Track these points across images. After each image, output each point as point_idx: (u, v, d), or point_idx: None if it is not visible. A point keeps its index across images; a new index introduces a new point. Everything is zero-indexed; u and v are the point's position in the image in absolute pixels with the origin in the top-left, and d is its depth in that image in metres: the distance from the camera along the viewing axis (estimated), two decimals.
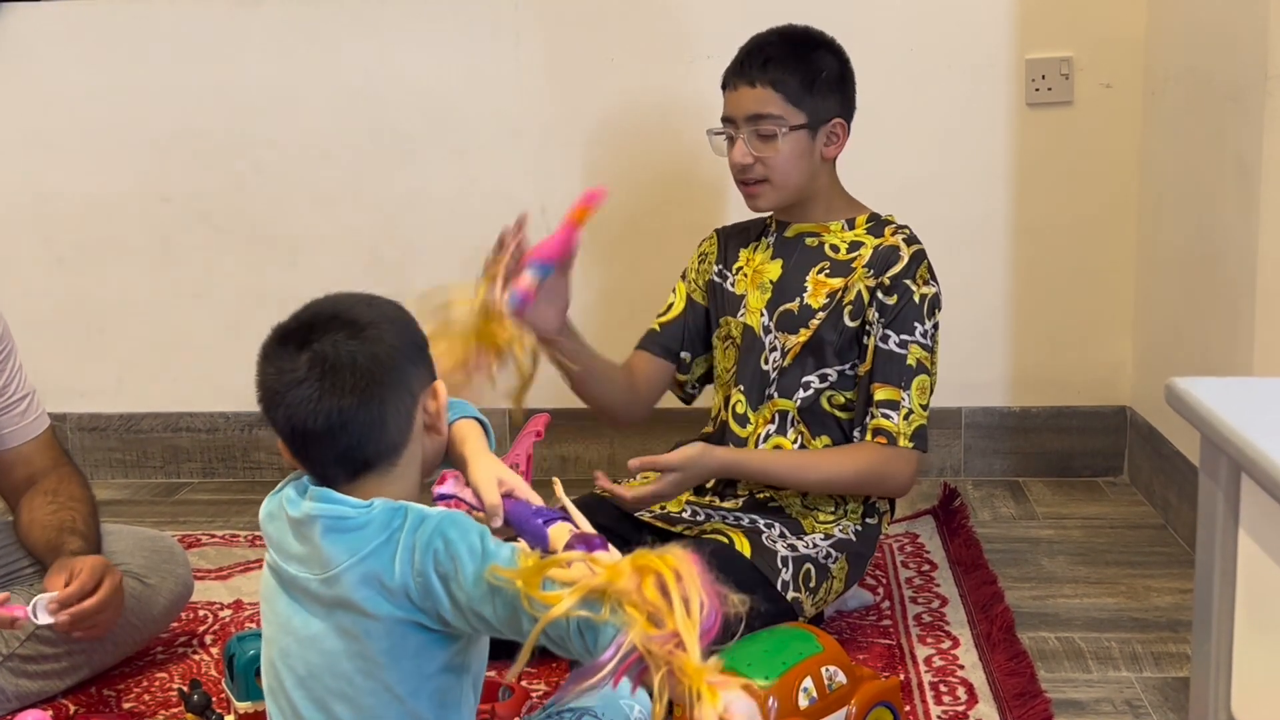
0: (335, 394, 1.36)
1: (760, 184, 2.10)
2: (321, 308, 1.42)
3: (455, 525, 1.35)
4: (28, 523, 1.98)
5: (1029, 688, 1.91)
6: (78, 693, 1.98)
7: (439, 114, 2.98)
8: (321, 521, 1.38)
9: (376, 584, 1.35)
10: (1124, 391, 2.94)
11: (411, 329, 1.46)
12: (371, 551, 1.36)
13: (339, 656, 1.38)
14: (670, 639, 1.17)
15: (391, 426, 1.40)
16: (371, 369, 1.37)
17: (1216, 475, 1.07)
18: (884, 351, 2.06)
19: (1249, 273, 2.20)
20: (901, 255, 2.08)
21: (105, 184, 3.07)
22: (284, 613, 1.43)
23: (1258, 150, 2.16)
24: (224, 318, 3.08)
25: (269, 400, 1.39)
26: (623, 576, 1.20)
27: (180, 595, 2.10)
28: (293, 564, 1.41)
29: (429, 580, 1.33)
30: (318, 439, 1.38)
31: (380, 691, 1.38)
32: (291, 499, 1.42)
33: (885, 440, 2.05)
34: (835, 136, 2.12)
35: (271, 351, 1.40)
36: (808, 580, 2.02)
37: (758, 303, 2.16)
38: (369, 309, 1.42)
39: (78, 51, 3.03)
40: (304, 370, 1.37)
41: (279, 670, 1.44)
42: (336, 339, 1.37)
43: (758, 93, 2.07)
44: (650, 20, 2.90)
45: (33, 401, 2.06)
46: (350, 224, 3.04)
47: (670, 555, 1.21)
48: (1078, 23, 2.82)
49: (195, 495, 3.04)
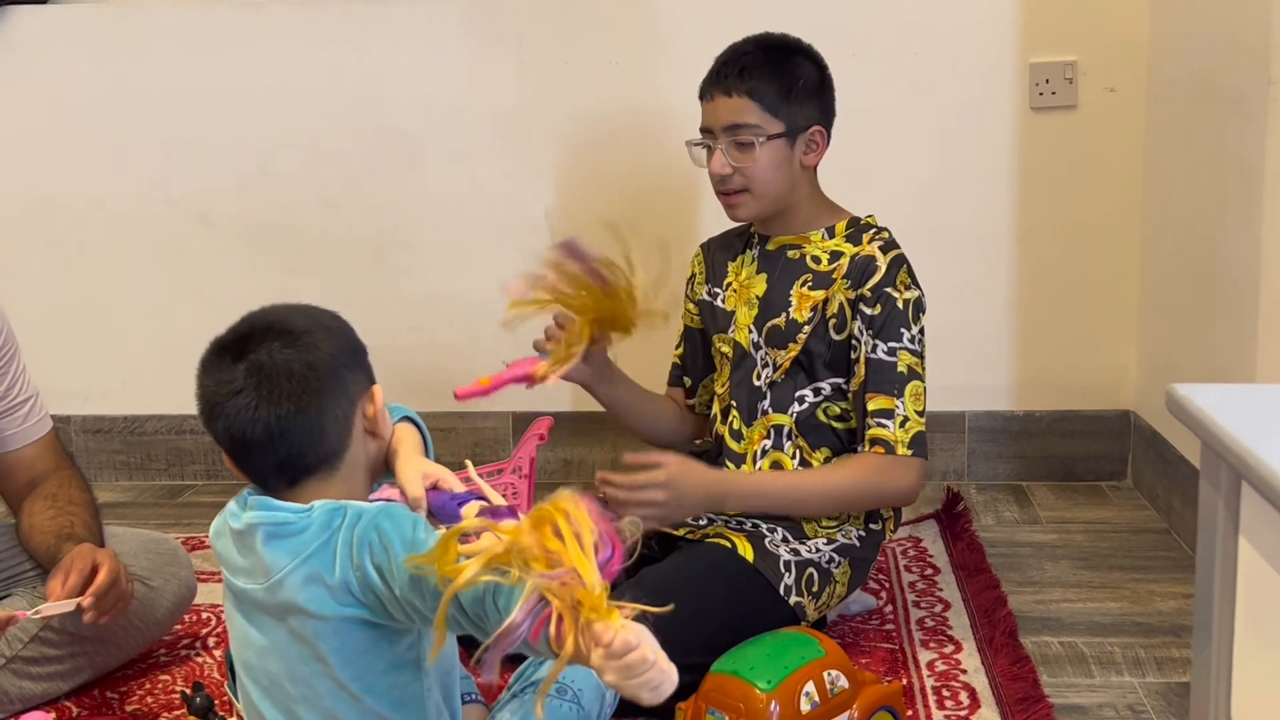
0: (272, 402, 1.39)
1: (740, 194, 2.08)
2: (257, 319, 1.46)
3: (390, 517, 1.37)
4: (28, 528, 1.98)
5: (1031, 692, 1.91)
6: (80, 695, 1.99)
7: (442, 117, 2.98)
8: (262, 529, 1.40)
9: (319, 584, 1.37)
10: (1127, 396, 2.94)
11: (348, 335, 1.48)
12: (313, 553, 1.38)
13: (295, 661, 1.40)
14: (568, 575, 1.16)
15: (330, 432, 1.42)
16: (307, 376, 1.40)
17: (1217, 482, 1.07)
18: (874, 361, 2.04)
19: (1252, 277, 2.20)
20: (878, 264, 2.05)
21: (109, 186, 3.08)
22: (241, 627, 1.46)
23: (1260, 154, 2.16)
24: (228, 320, 3.02)
25: (208, 412, 1.42)
26: (523, 534, 1.20)
27: (183, 597, 2.10)
28: (240, 577, 1.44)
29: (366, 573, 1.35)
30: (258, 447, 1.40)
31: (337, 691, 1.40)
32: (233, 512, 1.46)
33: (883, 450, 2.03)
34: (814, 144, 2.10)
35: (210, 363, 1.44)
36: (810, 585, 2.01)
37: (746, 319, 2.16)
38: (304, 318, 1.45)
39: (82, 54, 3.03)
40: (241, 380, 1.39)
41: (246, 684, 1.47)
42: (272, 348, 1.40)
43: (734, 102, 2.05)
44: (653, 23, 2.90)
45: (36, 404, 2.06)
46: (353, 226, 3.04)
47: (558, 499, 1.21)
48: (1081, 27, 2.82)
49: (199, 498, 3.05)
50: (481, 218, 3.02)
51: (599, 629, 1.14)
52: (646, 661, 1.13)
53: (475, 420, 3.03)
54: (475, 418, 3.03)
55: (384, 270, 3.03)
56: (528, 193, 2.99)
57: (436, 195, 3.01)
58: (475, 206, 3.01)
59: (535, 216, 2.99)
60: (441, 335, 3.03)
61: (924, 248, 2.84)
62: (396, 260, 3.03)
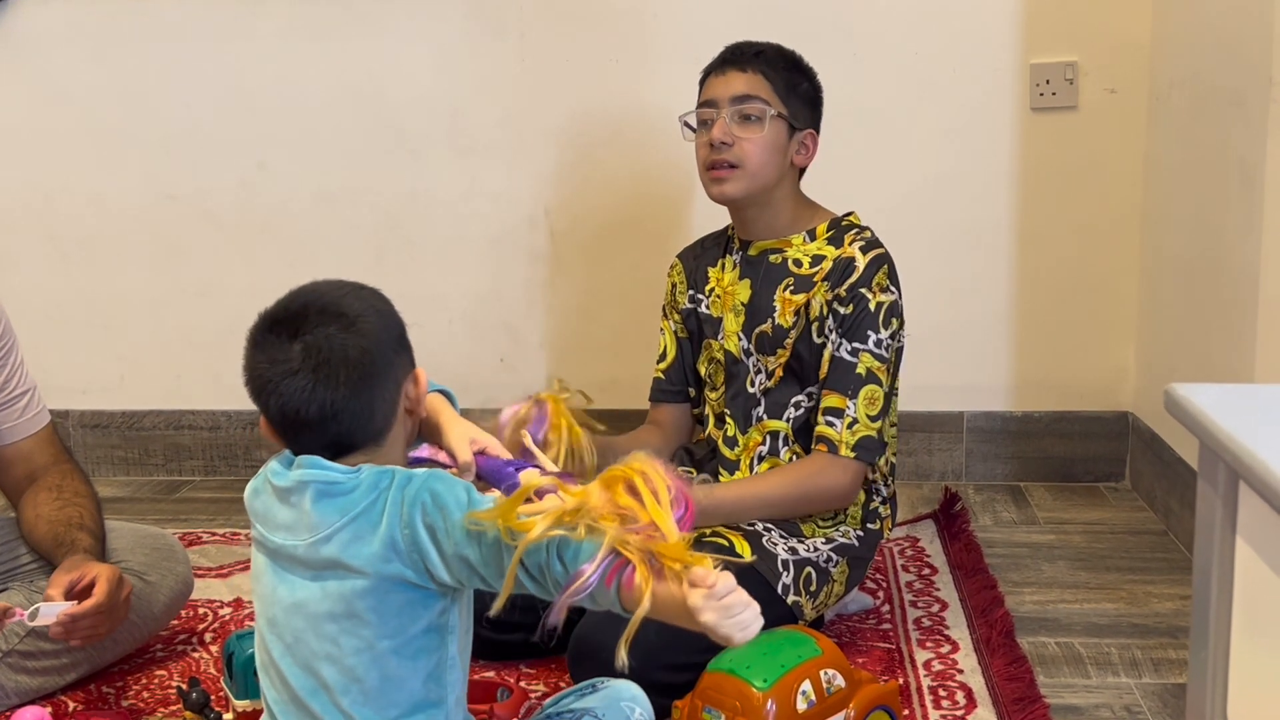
0: (329, 386, 1.40)
1: (730, 169, 2.07)
2: (310, 297, 1.45)
3: (441, 480, 1.41)
4: (32, 518, 1.98)
5: (1028, 693, 1.91)
6: (77, 689, 1.99)
7: (443, 114, 2.98)
8: (314, 487, 1.42)
9: (365, 541, 1.39)
10: (1126, 397, 2.94)
11: (396, 318, 1.50)
12: (361, 511, 1.40)
13: (323, 619, 1.42)
14: (647, 529, 1.26)
15: (379, 414, 1.45)
16: (362, 362, 1.41)
17: (1214, 482, 1.07)
18: (835, 359, 2.04)
19: (1252, 279, 2.20)
20: (857, 265, 2.04)
21: (110, 181, 3.08)
22: (270, 584, 1.47)
23: (1261, 156, 2.16)
24: (227, 316, 3.06)
25: (261, 388, 1.43)
26: (593, 495, 1.28)
27: (180, 593, 2.10)
28: (279, 533, 1.45)
29: (416, 532, 1.38)
30: (309, 426, 1.42)
31: (364, 650, 1.41)
32: (276, 471, 1.46)
33: (825, 448, 2.02)
34: (806, 147, 2.11)
35: (262, 340, 1.43)
36: (808, 584, 2.01)
37: (733, 326, 2.15)
38: (357, 300, 1.46)
39: (84, 49, 3.03)
40: (298, 361, 1.40)
41: (268, 642, 1.47)
42: (329, 331, 1.41)
43: (748, 76, 2.07)
44: (655, 21, 2.90)
45: (34, 397, 2.06)
46: (354, 223, 3.04)
47: (633, 460, 1.30)
48: (1082, 28, 2.82)
49: (197, 493, 3.05)
50: (481, 215, 3.02)
51: (699, 573, 1.22)
52: (743, 602, 1.23)
53: (473, 418, 3.01)
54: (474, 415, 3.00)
55: (384, 267, 3.02)
56: (528, 191, 2.99)
57: (437, 192, 3.01)
58: (475, 204, 3.01)
59: (535, 214, 3.00)
60: (441, 332, 3.03)
61: (923, 247, 2.86)
62: (396, 257, 3.03)
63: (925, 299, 2.69)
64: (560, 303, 3.03)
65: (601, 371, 2.98)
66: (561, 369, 3.02)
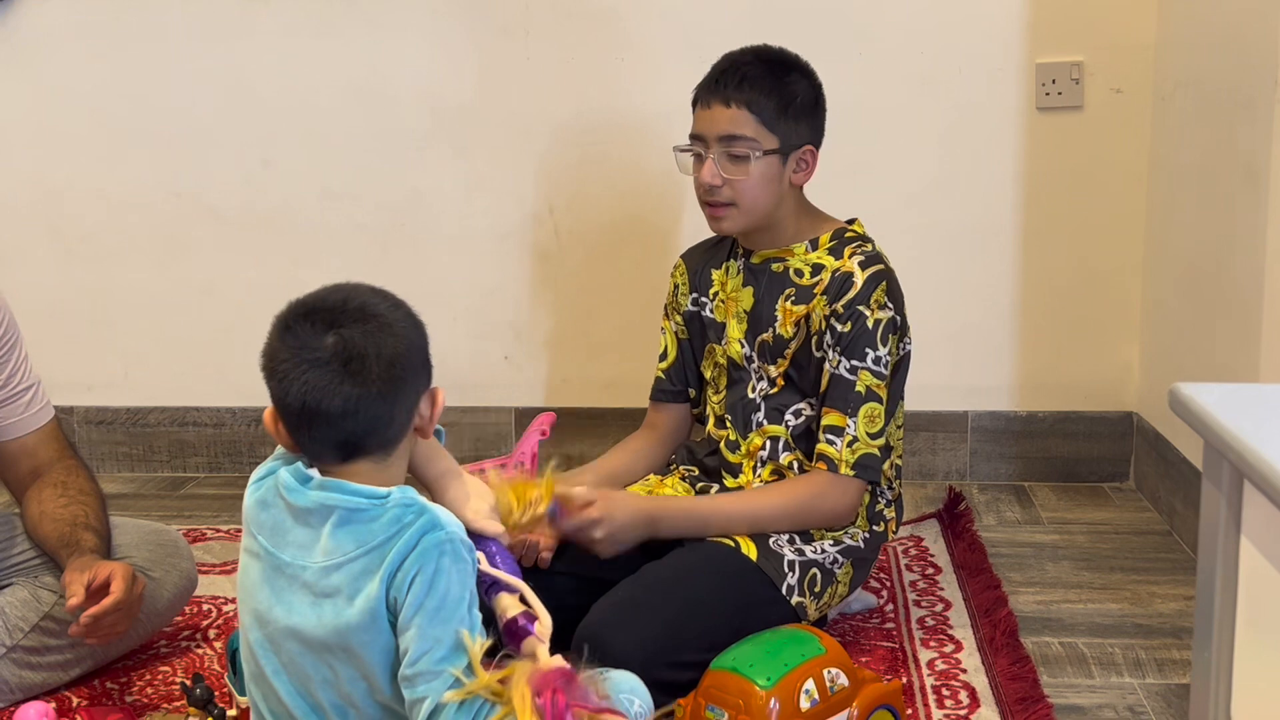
0: (355, 381, 1.40)
1: (726, 207, 2.04)
2: (349, 295, 1.45)
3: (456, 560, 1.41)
4: (37, 515, 1.98)
5: (1031, 692, 1.91)
6: (81, 685, 1.99)
7: (447, 112, 2.98)
8: (339, 513, 1.41)
9: (370, 576, 1.40)
10: (1130, 397, 2.94)
11: (424, 333, 1.50)
12: (377, 545, 1.40)
13: (319, 647, 1.42)
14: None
15: (396, 421, 1.45)
16: (394, 363, 1.42)
17: (1219, 481, 1.07)
18: (835, 377, 2.02)
19: (1257, 279, 2.20)
20: (855, 281, 2.02)
21: (114, 178, 3.08)
22: (265, 601, 1.46)
23: (1266, 156, 2.16)
24: (231, 313, 3.09)
25: (285, 374, 1.41)
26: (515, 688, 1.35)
27: (184, 589, 2.10)
28: (289, 550, 1.44)
29: (399, 598, 1.39)
30: (326, 419, 1.41)
31: (359, 680, 1.42)
32: (292, 487, 1.45)
33: (825, 466, 2.01)
34: (804, 164, 2.07)
35: (293, 325, 1.43)
36: (813, 585, 2.01)
37: (736, 332, 2.14)
38: (393, 308, 1.46)
39: (87, 46, 3.03)
40: (329, 352, 1.40)
41: (259, 655, 1.47)
42: (366, 329, 1.41)
43: (732, 113, 2.01)
44: (660, 19, 2.90)
45: (38, 392, 2.06)
46: (358, 220, 3.04)
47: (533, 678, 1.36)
48: (1088, 28, 2.82)
49: (201, 490, 3.05)
50: (486, 212, 3.02)
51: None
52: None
53: (478, 415, 3.03)
54: (478, 413, 3.03)
55: (388, 264, 3.02)
56: (532, 188, 2.99)
57: (441, 190, 3.02)
58: (480, 201, 3.01)
59: (540, 212, 3.00)
60: (445, 330, 3.02)
61: (928, 247, 2.87)
62: (400, 254, 3.03)
63: (930, 298, 2.69)
64: (564, 300, 3.03)
65: (605, 369, 2.98)
66: (565, 367, 3.02)
